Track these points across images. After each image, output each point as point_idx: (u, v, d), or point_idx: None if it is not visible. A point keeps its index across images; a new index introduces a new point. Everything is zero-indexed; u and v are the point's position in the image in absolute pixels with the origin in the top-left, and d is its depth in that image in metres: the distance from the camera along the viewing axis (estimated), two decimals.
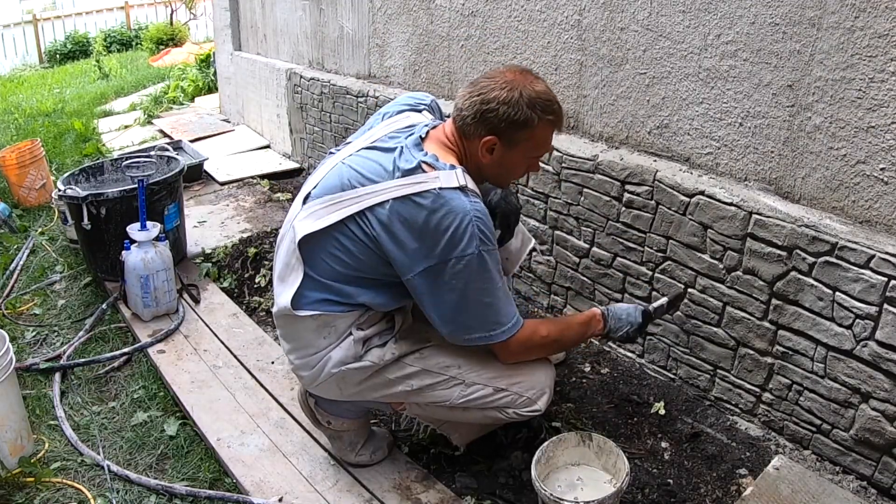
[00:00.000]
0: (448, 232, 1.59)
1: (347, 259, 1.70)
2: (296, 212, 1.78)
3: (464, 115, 1.69)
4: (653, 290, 2.34)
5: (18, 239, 3.77)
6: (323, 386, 1.82)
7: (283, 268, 1.79)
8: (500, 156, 1.71)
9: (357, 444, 2.00)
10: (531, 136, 1.69)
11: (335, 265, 1.71)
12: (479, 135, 1.68)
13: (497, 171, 1.77)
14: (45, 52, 11.84)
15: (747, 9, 1.96)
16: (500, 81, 1.67)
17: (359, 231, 1.66)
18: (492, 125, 1.66)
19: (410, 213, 1.60)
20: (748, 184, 2.08)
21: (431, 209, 1.59)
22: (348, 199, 1.67)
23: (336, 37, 4.05)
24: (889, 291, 1.72)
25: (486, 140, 1.68)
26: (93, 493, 1.99)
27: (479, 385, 1.80)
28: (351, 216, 1.66)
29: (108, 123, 6.28)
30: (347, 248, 1.69)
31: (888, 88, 1.71)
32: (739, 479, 1.94)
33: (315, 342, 1.78)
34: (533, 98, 1.66)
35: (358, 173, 1.69)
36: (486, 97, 1.65)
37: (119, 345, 2.73)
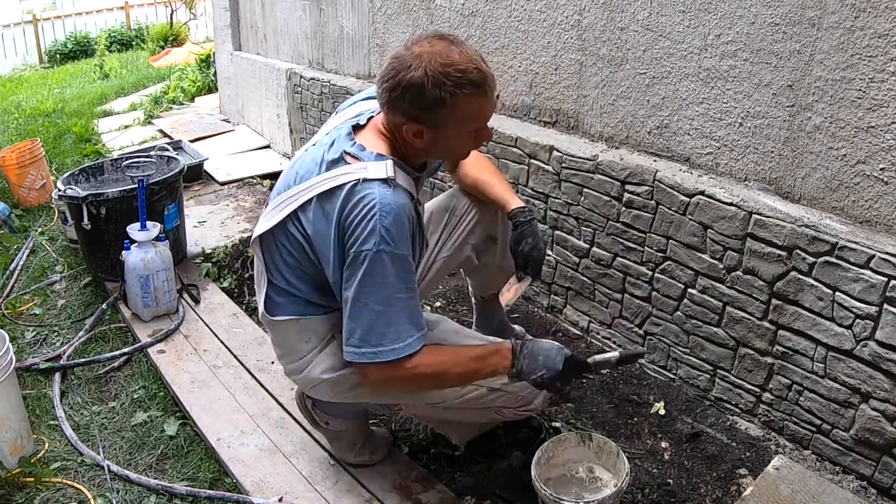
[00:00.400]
0: (352, 225, 1.48)
1: (294, 262, 1.64)
2: None
3: (381, 101, 1.54)
4: (652, 290, 2.34)
5: (18, 239, 3.76)
6: (317, 389, 1.80)
7: (257, 273, 1.77)
8: (431, 138, 1.54)
9: (356, 444, 1.99)
10: (452, 114, 1.49)
11: (286, 268, 1.66)
12: (400, 122, 1.53)
13: (439, 154, 1.66)
14: (46, 52, 11.83)
15: (747, 9, 1.96)
16: (406, 60, 1.47)
17: (295, 231, 1.60)
18: (405, 111, 1.50)
19: (326, 207, 1.52)
20: (748, 184, 2.08)
21: (344, 200, 1.49)
22: (285, 200, 1.61)
23: (336, 37, 4.05)
24: (889, 291, 1.72)
25: (408, 127, 1.52)
26: (93, 493, 1.98)
27: (473, 386, 1.76)
28: (287, 217, 1.59)
29: (109, 123, 6.28)
30: (290, 251, 1.63)
31: (888, 88, 1.71)
32: (739, 479, 1.94)
33: (298, 347, 1.73)
34: (440, 73, 1.45)
35: (296, 172, 1.63)
36: (392, 82, 1.48)
37: (119, 345, 2.73)
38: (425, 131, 1.52)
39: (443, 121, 1.50)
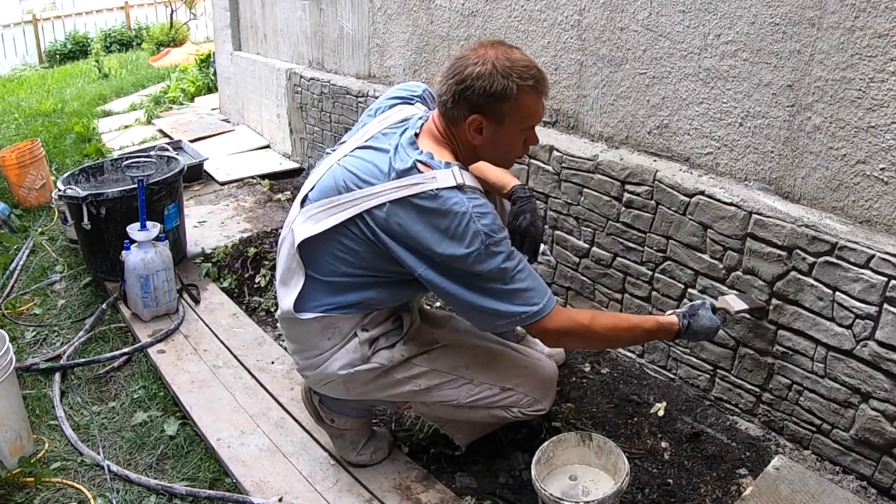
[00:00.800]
0: (449, 232, 1.55)
1: (352, 259, 1.68)
2: (294, 215, 1.77)
3: (444, 100, 1.63)
4: (652, 290, 2.34)
5: (18, 239, 3.76)
6: (329, 386, 1.83)
7: (284, 271, 1.78)
8: (490, 134, 1.64)
9: (358, 443, 2.00)
10: (516, 107, 1.60)
11: (340, 265, 1.69)
12: (464, 117, 1.61)
13: (494, 152, 1.71)
14: (45, 52, 11.83)
15: (747, 9, 1.96)
16: (472, 58, 1.60)
17: (360, 232, 1.64)
18: (472, 103, 1.59)
19: (409, 214, 1.57)
20: (748, 184, 2.08)
21: (430, 210, 1.56)
22: (345, 203, 1.64)
23: (336, 37, 4.05)
24: (889, 291, 1.72)
25: (471, 120, 1.61)
26: (93, 493, 1.98)
27: (487, 385, 1.83)
28: (350, 219, 1.63)
29: (108, 123, 6.28)
30: (352, 249, 1.67)
31: (888, 88, 1.71)
32: (739, 479, 1.94)
33: (319, 344, 1.77)
34: (507, 67, 1.58)
35: (353, 175, 1.65)
36: (460, 76, 1.58)
37: (119, 345, 2.73)
38: (486, 126, 1.62)
39: (505, 113, 1.60)
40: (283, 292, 1.78)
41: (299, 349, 1.82)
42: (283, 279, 1.78)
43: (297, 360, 1.84)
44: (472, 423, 1.98)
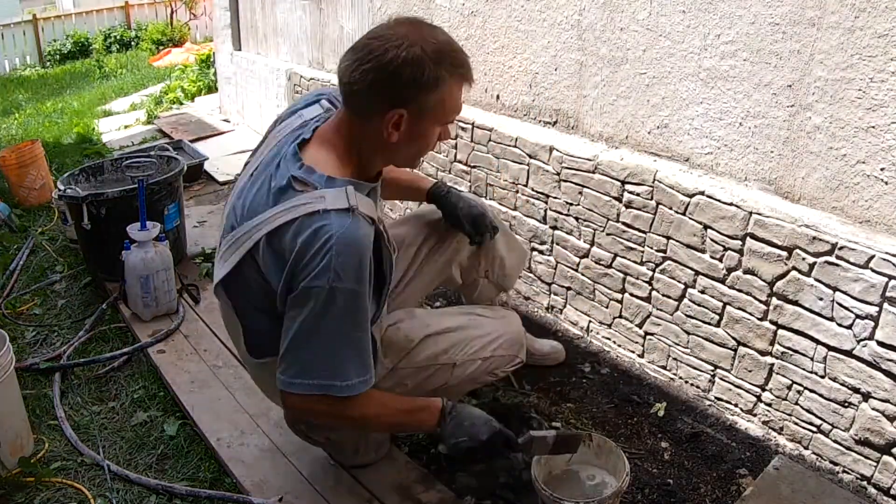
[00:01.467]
0: (305, 257, 1.34)
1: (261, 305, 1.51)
2: None
3: (354, 89, 1.37)
4: (652, 290, 2.34)
5: (18, 239, 3.76)
6: None
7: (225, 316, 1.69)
8: (408, 130, 1.39)
9: (358, 447, 1.97)
10: (443, 99, 1.39)
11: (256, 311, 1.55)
12: (381, 111, 1.37)
13: (407, 151, 1.48)
14: (46, 52, 11.83)
15: (747, 9, 1.96)
16: (391, 39, 1.34)
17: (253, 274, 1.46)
18: (394, 95, 1.35)
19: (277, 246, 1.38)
20: (748, 184, 2.08)
21: (295, 232, 1.35)
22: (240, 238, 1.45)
23: (336, 37, 4.05)
24: (889, 291, 1.72)
25: (391, 115, 1.37)
26: (93, 493, 1.98)
27: (469, 361, 1.83)
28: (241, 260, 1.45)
29: (109, 123, 6.29)
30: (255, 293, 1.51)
31: (888, 88, 1.71)
32: (739, 479, 1.94)
33: None
34: (439, 51, 1.35)
35: (244, 205, 1.46)
36: (378, 62, 1.32)
37: (119, 345, 2.73)
38: (406, 120, 1.39)
39: (431, 105, 1.38)
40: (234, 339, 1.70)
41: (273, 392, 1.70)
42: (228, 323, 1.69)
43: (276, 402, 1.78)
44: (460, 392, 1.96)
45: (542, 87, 2.72)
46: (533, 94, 2.76)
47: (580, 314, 2.66)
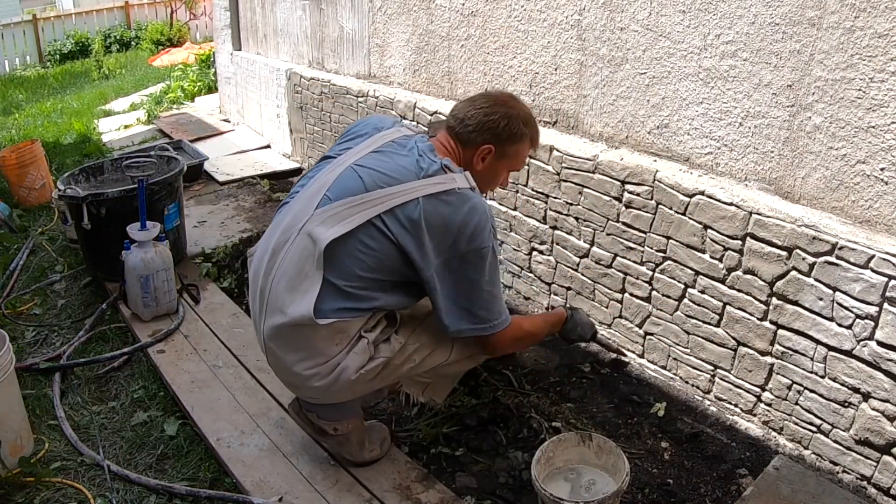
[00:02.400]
0: (471, 226, 1.71)
1: (370, 261, 1.71)
2: (301, 218, 1.75)
3: (467, 124, 1.84)
4: (652, 290, 2.34)
5: (18, 239, 3.76)
6: (335, 391, 1.81)
7: (293, 276, 1.74)
8: (490, 164, 1.87)
9: (364, 441, 1.99)
10: (518, 151, 1.89)
11: (357, 269, 1.72)
12: (479, 143, 1.84)
13: (483, 180, 1.90)
14: (46, 52, 11.84)
15: (747, 9, 1.96)
16: (497, 100, 1.87)
17: (384, 230, 1.70)
18: (492, 135, 1.84)
19: (438, 209, 1.70)
20: (748, 184, 2.08)
21: (457, 206, 1.71)
22: (374, 199, 1.71)
23: (336, 37, 4.05)
24: (889, 291, 1.72)
25: (484, 148, 1.84)
26: (93, 493, 1.98)
27: None
28: (377, 216, 1.69)
29: (109, 123, 6.29)
30: (371, 249, 1.71)
31: (888, 88, 1.71)
32: (739, 479, 1.94)
33: (327, 350, 1.76)
34: (527, 117, 1.88)
35: (382, 174, 1.74)
36: (489, 111, 1.83)
37: (119, 345, 2.73)
38: (492, 156, 1.86)
39: (509, 153, 1.88)
40: (290, 297, 1.74)
41: (304, 357, 1.78)
42: (292, 284, 1.74)
43: (302, 369, 1.79)
44: (447, 379, 2.07)
45: (542, 86, 2.72)
46: (533, 93, 2.76)
47: None
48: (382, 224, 1.70)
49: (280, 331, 1.77)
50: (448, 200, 1.71)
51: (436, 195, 1.70)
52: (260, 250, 1.87)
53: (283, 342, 1.79)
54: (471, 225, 1.72)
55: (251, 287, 1.89)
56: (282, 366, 1.83)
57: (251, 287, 1.89)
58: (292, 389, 1.92)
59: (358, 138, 1.89)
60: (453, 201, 1.71)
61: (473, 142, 1.85)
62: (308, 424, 1.96)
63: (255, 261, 1.88)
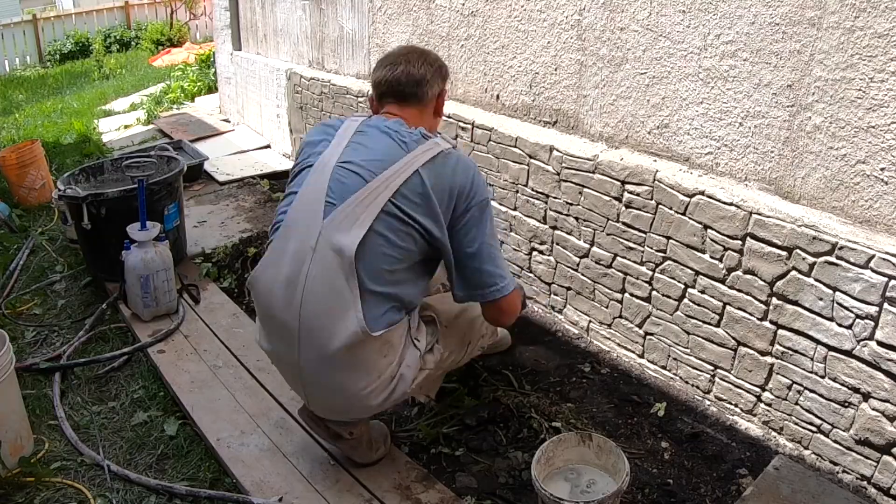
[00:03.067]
0: (469, 182, 1.72)
1: (394, 253, 1.67)
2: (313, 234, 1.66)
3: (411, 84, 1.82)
4: (652, 290, 2.34)
5: (18, 239, 3.76)
6: (389, 403, 1.81)
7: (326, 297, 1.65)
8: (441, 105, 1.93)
9: (372, 442, 1.99)
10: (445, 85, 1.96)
11: (385, 265, 1.66)
12: (435, 93, 1.88)
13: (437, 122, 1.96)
14: (46, 52, 11.84)
15: (747, 9, 1.96)
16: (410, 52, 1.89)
17: (398, 214, 1.66)
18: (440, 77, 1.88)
19: (438, 174, 1.69)
20: (748, 184, 2.08)
21: (451, 166, 1.72)
22: (378, 187, 1.66)
23: (336, 37, 4.05)
24: (889, 291, 1.72)
25: (442, 94, 1.90)
26: (93, 493, 1.98)
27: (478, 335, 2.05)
28: (387, 202, 1.65)
29: (109, 123, 6.29)
30: (392, 239, 1.66)
31: (888, 88, 1.71)
32: (739, 479, 1.94)
33: (378, 364, 1.71)
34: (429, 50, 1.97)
35: (372, 161, 1.70)
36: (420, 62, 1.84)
37: (119, 345, 2.73)
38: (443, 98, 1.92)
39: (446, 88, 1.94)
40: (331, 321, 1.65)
41: (360, 377, 1.71)
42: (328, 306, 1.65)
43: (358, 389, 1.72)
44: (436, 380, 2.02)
45: (542, 87, 2.72)
46: (533, 94, 2.76)
47: (580, 314, 2.66)
48: (394, 208, 1.65)
49: (330, 358, 1.68)
50: (443, 163, 1.71)
51: (430, 161, 1.69)
52: (265, 282, 1.76)
53: (335, 367, 1.70)
54: (468, 180, 1.72)
55: (267, 324, 1.80)
56: (333, 391, 1.75)
57: (267, 324, 1.80)
58: (338, 415, 1.85)
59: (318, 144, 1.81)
60: (447, 163, 1.71)
61: (426, 95, 1.85)
62: (324, 430, 1.92)
63: (262, 296, 1.77)
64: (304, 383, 1.79)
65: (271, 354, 1.87)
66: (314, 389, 1.79)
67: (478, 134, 2.93)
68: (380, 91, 1.86)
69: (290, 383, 1.91)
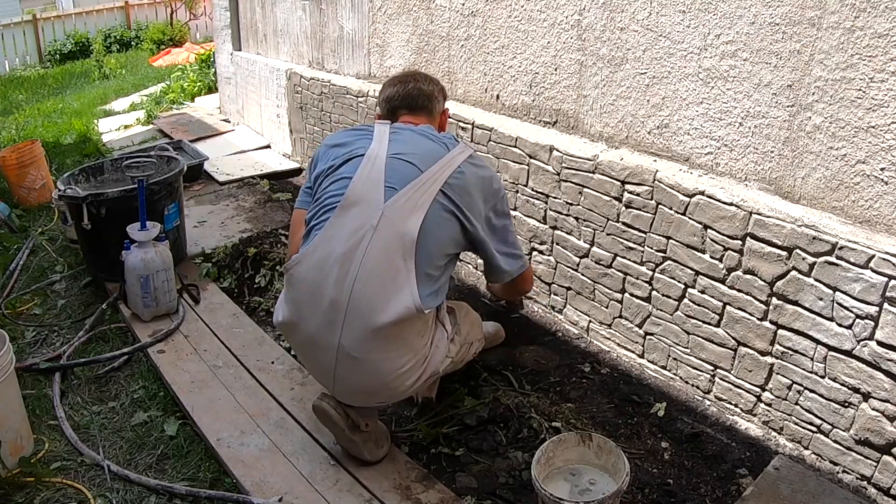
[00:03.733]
0: (493, 178, 1.98)
1: (444, 238, 1.83)
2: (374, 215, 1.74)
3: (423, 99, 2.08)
4: (652, 290, 2.34)
5: (18, 239, 3.76)
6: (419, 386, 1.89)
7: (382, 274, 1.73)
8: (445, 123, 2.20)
9: (379, 439, 2.02)
10: None
11: (437, 249, 1.82)
12: (440, 108, 2.14)
13: None
14: (46, 52, 11.84)
15: (747, 9, 1.96)
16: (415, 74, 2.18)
17: (446, 203, 1.83)
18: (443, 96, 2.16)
19: (475, 171, 1.92)
20: (748, 184, 2.08)
21: (481, 165, 1.96)
22: (431, 178, 1.83)
23: (336, 37, 4.05)
24: (889, 291, 1.72)
25: (446, 110, 2.16)
26: (93, 493, 1.98)
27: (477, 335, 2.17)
28: (439, 191, 1.82)
29: (109, 123, 6.29)
30: (443, 226, 1.83)
31: (888, 88, 1.71)
32: (739, 479, 1.94)
33: (416, 343, 1.80)
34: None
35: (422, 155, 1.87)
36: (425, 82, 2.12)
37: (119, 345, 2.73)
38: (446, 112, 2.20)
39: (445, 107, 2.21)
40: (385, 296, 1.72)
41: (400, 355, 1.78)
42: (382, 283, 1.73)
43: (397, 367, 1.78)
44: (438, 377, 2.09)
45: (542, 87, 2.72)
46: (533, 94, 2.76)
47: (580, 314, 2.66)
48: (444, 198, 1.82)
49: (374, 332, 1.73)
50: (475, 162, 1.93)
51: (468, 160, 1.91)
52: (317, 259, 1.79)
53: (380, 344, 1.76)
54: (493, 177, 1.97)
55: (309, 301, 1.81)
56: (369, 371, 1.79)
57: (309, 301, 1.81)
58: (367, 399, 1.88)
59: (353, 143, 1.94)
60: (478, 162, 1.95)
61: (436, 110, 2.12)
62: (344, 419, 1.92)
63: (311, 272, 1.80)
64: (337, 365, 1.81)
65: (305, 341, 1.88)
66: (348, 371, 1.81)
67: (478, 134, 2.93)
68: (393, 105, 2.09)
69: (318, 370, 1.93)
